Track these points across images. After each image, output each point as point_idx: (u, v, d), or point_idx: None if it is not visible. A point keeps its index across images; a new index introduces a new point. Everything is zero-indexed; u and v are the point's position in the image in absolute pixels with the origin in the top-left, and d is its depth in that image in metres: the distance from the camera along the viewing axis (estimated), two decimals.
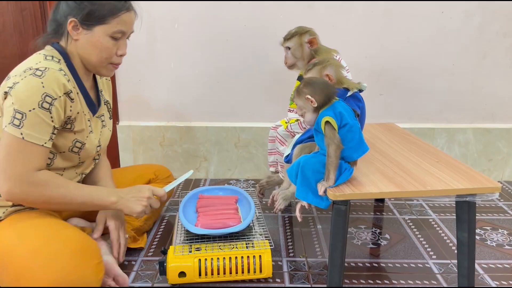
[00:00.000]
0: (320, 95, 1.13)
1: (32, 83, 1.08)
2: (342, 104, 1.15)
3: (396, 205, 1.87)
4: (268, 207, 1.81)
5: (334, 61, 1.33)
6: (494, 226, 1.71)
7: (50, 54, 1.19)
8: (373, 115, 2.09)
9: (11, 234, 1.11)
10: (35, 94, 1.08)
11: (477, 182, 1.15)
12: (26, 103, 1.07)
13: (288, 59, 1.59)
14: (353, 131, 1.12)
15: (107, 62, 1.23)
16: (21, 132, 1.08)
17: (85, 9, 1.15)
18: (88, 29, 1.18)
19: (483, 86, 2.10)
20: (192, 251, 1.29)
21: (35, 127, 1.09)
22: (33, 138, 1.09)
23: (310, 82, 1.16)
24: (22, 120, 1.08)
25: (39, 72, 1.10)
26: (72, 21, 1.16)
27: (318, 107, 1.14)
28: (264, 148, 2.10)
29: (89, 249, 1.12)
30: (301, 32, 1.55)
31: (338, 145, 1.10)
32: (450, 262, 1.44)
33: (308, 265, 1.42)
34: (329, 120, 1.10)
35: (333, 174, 1.11)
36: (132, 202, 1.24)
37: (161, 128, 2.13)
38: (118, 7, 1.18)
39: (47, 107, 1.09)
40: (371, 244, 1.56)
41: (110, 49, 1.21)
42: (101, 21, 1.17)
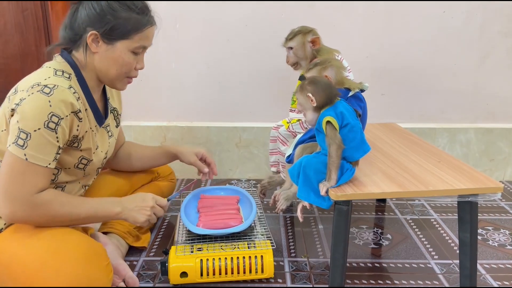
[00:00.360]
0: (321, 96, 1.13)
1: (39, 102, 1.04)
2: (343, 104, 1.15)
3: (397, 205, 1.87)
4: (269, 207, 1.81)
5: (335, 62, 1.33)
6: (496, 226, 1.70)
7: (60, 69, 1.14)
8: (374, 115, 2.09)
9: (14, 245, 1.08)
10: (42, 113, 1.04)
11: (479, 182, 1.15)
12: (32, 123, 1.04)
13: (290, 58, 1.60)
14: (354, 131, 1.12)
15: (125, 76, 1.21)
16: (24, 153, 1.04)
17: (108, 23, 1.11)
18: (110, 44, 1.14)
19: (484, 86, 2.10)
20: (193, 251, 1.29)
21: (39, 148, 1.06)
22: (37, 160, 1.06)
23: (314, 81, 1.16)
24: (26, 140, 1.04)
25: (47, 90, 1.05)
26: (92, 34, 1.12)
27: (318, 107, 1.14)
28: (266, 148, 2.10)
29: (97, 252, 1.12)
30: (304, 32, 1.55)
31: (339, 145, 1.09)
32: (452, 262, 1.44)
33: (310, 265, 1.42)
34: (330, 120, 1.10)
35: (334, 174, 1.11)
36: (136, 212, 1.23)
37: (162, 128, 2.13)
38: (142, 22, 1.15)
39: (53, 127, 1.06)
40: (373, 244, 1.56)
41: (130, 64, 1.18)
42: (124, 37, 1.14)
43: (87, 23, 1.12)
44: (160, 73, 2.07)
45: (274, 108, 2.08)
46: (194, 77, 2.08)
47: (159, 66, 2.06)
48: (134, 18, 1.14)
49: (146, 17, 1.16)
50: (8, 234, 1.12)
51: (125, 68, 1.18)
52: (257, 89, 2.09)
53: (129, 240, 1.44)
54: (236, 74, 2.07)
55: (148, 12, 1.18)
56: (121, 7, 1.12)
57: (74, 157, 1.18)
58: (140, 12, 1.15)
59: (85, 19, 1.12)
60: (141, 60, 1.22)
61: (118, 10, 1.12)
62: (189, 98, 2.11)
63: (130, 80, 1.24)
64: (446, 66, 2.06)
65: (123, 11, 1.12)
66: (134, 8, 1.14)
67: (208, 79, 2.08)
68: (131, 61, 1.18)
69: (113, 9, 1.11)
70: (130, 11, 1.13)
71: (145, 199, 1.25)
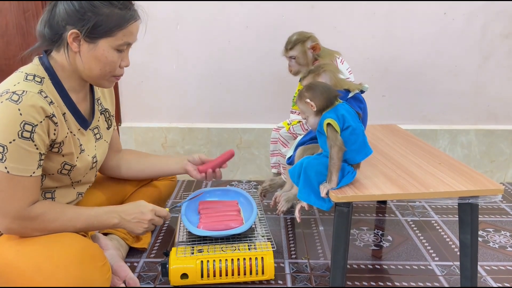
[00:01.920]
0: (319, 99, 1.13)
1: (8, 111, 0.99)
2: (345, 107, 1.15)
3: (398, 207, 1.87)
4: (270, 209, 1.81)
5: (329, 67, 1.33)
6: (497, 227, 1.70)
7: (32, 73, 1.08)
8: (375, 117, 2.09)
9: (8, 251, 1.07)
10: (13, 123, 0.99)
11: (480, 184, 1.15)
12: (5, 135, 0.99)
13: (292, 67, 1.59)
14: (356, 134, 1.12)
15: (110, 75, 1.15)
16: (5, 166, 1.00)
17: (89, 21, 1.04)
18: (92, 42, 1.07)
19: (486, 87, 2.10)
20: (194, 253, 1.29)
21: (19, 159, 1.01)
22: (19, 171, 1.02)
23: (311, 87, 1.16)
24: (3, 153, 1.00)
25: (15, 97, 1.00)
26: (73, 33, 1.05)
27: (319, 110, 1.14)
28: (266, 149, 2.10)
29: (92, 253, 1.11)
30: (303, 40, 1.54)
31: (340, 147, 1.09)
32: (452, 264, 1.44)
33: (311, 267, 1.42)
34: (331, 122, 1.10)
35: (335, 176, 1.11)
36: (134, 224, 1.21)
37: (163, 130, 2.13)
38: (126, 18, 1.08)
39: (28, 136, 1.01)
40: (374, 245, 1.56)
41: (114, 62, 1.12)
42: (106, 34, 1.07)
43: (67, 20, 1.05)
44: (161, 75, 2.07)
45: (275, 110, 2.08)
46: (195, 78, 2.08)
47: (160, 67, 2.06)
48: (117, 14, 1.06)
49: (130, 12, 1.09)
50: (2, 239, 1.11)
51: (109, 67, 1.11)
52: (258, 91, 2.09)
53: (130, 241, 1.44)
54: (237, 75, 2.07)
55: (131, 6, 1.10)
56: (102, 3, 1.05)
57: (56, 162, 1.14)
58: (123, 7, 1.08)
59: (64, 17, 1.05)
60: (125, 57, 1.15)
61: (99, 6, 1.04)
62: (190, 99, 2.11)
63: (117, 78, 1.19)
64: (447, 68, 2.06)
65: (104, 7, 1.05)
66: (116, 3, 1.06)
67: (209, 80, 2.08)
68: (115, 59, 1.11)
69: (94, 5, 1.04)
70: (111, 7, 1.06)
71: (143, 211, 1.22)
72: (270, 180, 1.74)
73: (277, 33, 1.94)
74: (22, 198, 1.05)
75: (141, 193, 1.53)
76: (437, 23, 1.99)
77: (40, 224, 1.09)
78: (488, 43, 2.03)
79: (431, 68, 2.06)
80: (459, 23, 1.99)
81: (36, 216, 1.08)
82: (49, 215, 1.10)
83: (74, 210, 1.16)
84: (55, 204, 1.15)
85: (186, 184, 2.13)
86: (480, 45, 2.03)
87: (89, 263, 1.08)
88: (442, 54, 2.04)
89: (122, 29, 1.08)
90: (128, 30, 1.10)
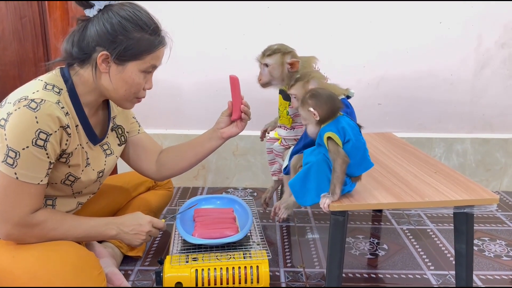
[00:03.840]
0: (323, 109, 1.11)
1: (25, 118, 1.01)
2: (346, 119, 1.13)
3: (394, 215, 1.87)
4: (266, 217, 1.80)
5: (316, 74, 1.33)
6: (492, 236, 1.70)
7: (52, 83, 1.09)
8: (370, 125, 2.09)
9: (4, 257, 1.07)
10: (28, 130, 1.01)
11: (475, 194, 1.15)
12: (19, 141, 1.01)
13: (263, 76, 1.50)
14: (356, 147, 1.11)
15: (134, 96, 1.17)
16: (15, 172, 1.02)
17: (121, 44, 1.07)
18: (120, 65, 1.09)
19: (481, 96, 2.10)
20: (189, 261, 1.28)
21: (29, 166, 1.03)
22: (28, 178, 1.04)
23: (316, 94, 1.13)
24: (15, 159, 1.02)
25: (33, 105, 1.01)
26: (103, 54, 1.07)
27: (321, 120, 1.12)
28: (263, 156, 2.10)
29: (88, 262, 1.10)
30: (284, 51, 1.46)
31: (343, 159, 1.07)
32: (448, 273, 1.43)
33: (306, 276, 1.42)
34: (331, 136, 1.08)
35: (338, 189, 1.09)
36: (131, 236, 1.23)
37: (159, 136, 2.13)
38: (155, 43, 1.11)
39: (41, 144, 1.03)
40: (369, 254, 1.55)
41: (140, 84, 1.15)
42: (135, 58, 1.10)
43: (97, 42, 1.07)
44: (158, 81, 2.06)
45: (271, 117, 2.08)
46: (192, 85, 2.08)
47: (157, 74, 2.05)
48: (147, 39, 1.10)
49: (159, 38, 1.13)
50: None
51: (134, 88, 1.14)
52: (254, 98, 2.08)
53: (124, 249, 1.43)
54: None
55: (160, 32, 1.14)
56: (134, 28, 1.08)
57: (61, 172, 1.14)
58: (153, 32, 1.11)
59: (95, 38, 1.07)
60: (149, 80, 1.18)
61: (130, 31, 1.07)
62: (186, 106, 2.11)
63: (139, 100, 1.21)
64: (443, 76, 2.07)
65: (135, 31, 1.08)
66: (146, 28, 1.09)
67: (205, 87, 2.08)
68: (141, 81, 1.14)
69: (126, 29, 1.07)
70: (142, 32, 1.09)
71: (141, 223, 1.24)
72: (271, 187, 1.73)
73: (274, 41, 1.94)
74: (27, 205, 1.06)
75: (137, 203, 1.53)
76: (433, 32, 2.00)
77: (39, 232, 1.09)
78: (483, 52, 2.04)
79: (427, 77, 2.07)
80: (454, 32, 2.00)
81: (37, 224, 1.08)
82: (49, 224, 1.10)
83: (73, 220, 1.17)
84: (56, 213, 1.15)
85: (182, 191, 2.12)
86: (475, 54, 2.04)
87: (84, 271, 1.07)
88: (438, 62, 2.05)
89: (150, 53, 1.11)
90: (156, 54, 1.13)
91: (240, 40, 2.01)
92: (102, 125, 1.27)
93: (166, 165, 1.42)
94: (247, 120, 1.39)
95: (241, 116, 1.37)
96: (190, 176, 2.17)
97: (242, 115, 1.37)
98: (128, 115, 1.40)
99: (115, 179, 1.58)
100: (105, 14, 1.07)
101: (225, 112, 1.40)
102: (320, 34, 1.99)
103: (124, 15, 1.07)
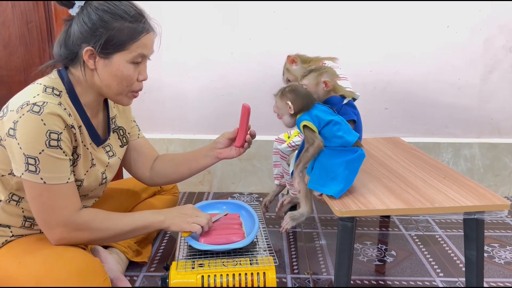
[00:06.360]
0: (298, 105, 1.19)
1: (32, 123, 1.01)
2: (319, 107, 1.20)
3: (402, 221, 1.85)
4: (272, 222, 1.79)
5: (330, 69, 1.33)
6: (502, 243, 1.68)
7: (51, 85, 1.09)
8: (378, 129, 2.08)
9: (10, 262, 1.07)
10: (39, 134, 1.01)
11: (485, 199, 1.13)
12: (34, 146, 1.01)
13: None
14: (337, 122, 1.16)
15: (128, 90, 1.15)
16: (40, 177, 1.03)
17: (102, 36, 1.05)
18: (106, 58, 1.08)
19: (489, 101, 2.09)
20: (195, 267, 1.27)
21: (51, 168, 1.03)
22: (55, 179, 1.04)
23: (295, 90, 1.22)
24: (36, 165, 1.02)
25: (36, 108, 1.01)
26: (87, 50, 1.07)
27: (295, 113, 1.21)
28: (268, 161, 2.09)
29: (93, 268, 1.10)
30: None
31: (318, 144, 1.13)
32: (457, 280, 1.41)
33: (313, 282, 1.40)
34: (307, 124, 1.15)
35: (302, 165, 1.16)
36: (179, 219, 1.23)
37: (165, 141, 2.12)
38: (138, 30, 1.09)
39: (55, 144, 1.03)
40: (377, 261, 1.53)
41: (131, 76, 1.12)
42: (119, 48, 1.08)
43: (81, 39, 1.07)
44: (163, 86, 2.07)
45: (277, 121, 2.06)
46: (197, 90, 2.07)
47: (163, 78, 2.06)
48: (128, 27, 1.07)
49: (141, 24, 1.09)
50: (4, 251, 1.11)
51: (125, 81, 1.12)
52: (260, 102, 2.08)
53: (129, 255, 1.42)
54: (239, 87, 2.06)
55: (142, 18, 1.10)
56: (113, 17, 1.06)
57: None
58: (134, 19, 1.08)
59: (78, 36, 1.07)
60: (143, 70, 1.15)
61: (109, 21, 1.06)
62: (192, 111, 2.11)
63: (136, 94, 1.19)
64: (450, 81, 2.05)
65: (115, 21, 1.06)
66: (126, 16, 1.07)
67: (211, 92, 2.07)
68: (131, 73, 1.11)
69: (104, 20, 1.05)
70: (122, 20, 1.07)
71: (182, 206, 1.27)
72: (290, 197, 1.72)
73: (280, 45, 1.94)
74: (65, 206, 1.07)
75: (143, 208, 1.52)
76: (440, 36, 1.99)
77: (88, 230, 1.11)
78: (491, 56, 2.02)
79: (434, 81, 2.05)
80: (462, 36, 1.99)
81: (83, 223, 1.10)
82: (95, 222, 1.12)
83: (118, 215, 1.18)
84: (99, 211, 1.17)
85: (187, 196, 2.11)
86: (483, 58, 2.02)
87: (89, 278, 1.06)
88: (445, 67, 2.03)
89: (135, 42, 1.09)
90: (141, 42, 1.10)
91: (246, 44, 2.00)
92: (103, 127, 1.26)
93: (159, 174, 1.43)
94: (246, 148, 1.39)
95: (243, 145, 1.38)
96: (195, 181, 2.16)
97: (247, 141, 1.38)
98: (128, 117, 1.39)
99: (121, 184, 1.57)
100: (84, 10, 1.07)
101: (227, 134, 1.39)
102: (327, 38, 1.98)
103: (102, 7, 1.07)
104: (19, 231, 1.17)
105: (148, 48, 1.13)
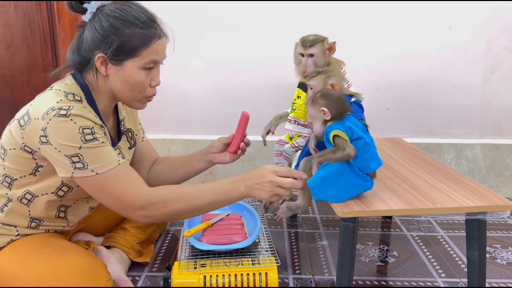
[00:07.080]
0: (333, 110, 1.12)
1: (62, 125, 1.01)
2: (351, 119, 1.14)
3: (403, 221, 1.85)
4: (274, 222, 1.79)
5: (337, 72, 1.34)
6: (504, 243, 1.68)
7: (71, 92, 1.09)
8: (380, 130, 2.08)
9: (14, 261, 1.08)
10: (72, 133, 1.01)
11: (488, 200, 1.13)
12: (71, 146, 1.01)
13: (308, 67, 1.47)
14: (367, 143, 1.12)
15: (142, 96, 1.16)
16: (91, 169, 1.02)
17: (113, 43, 1.06)
18: (118, 64, 1.09)
19: (491, 101, 2.08)
20: (197, 267, 1.27)
21: (96, 157, 1.03)
22: (105, 167, 1.04)
23: (327, 95, 1.14)
24: (82, 161, 1.02)
25: (63, 112, 1.01)
26: (100, 57, 1.08)
27: (330, 120, 1.13)
28: (270, 162, 2.09)
29: (96, 268, 1.10)
30: (321, 39, 1.47)
31: (349, 152, 1.07)
32: (459, 281, 1.41)
33: (315, 283, 1.40)
34: (338, 133, 1.09)
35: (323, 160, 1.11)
36: (257, 191, 1.11)
37: (167, 141, 2.13)
38: (149, 36, 1.09)
39: (91, 138, 1.03)
40: (379, 261, 1.53)
41: (143, 82, 1.13)
42: (131, 55, 1.08)
43: (93, 46, 1.08)
44: (166, 86, 2.06)
45: None
46: (200, 90, 2.08)
47: (165, 79, 2.04)
48: (139, 33, 1.08)
49: (152, 30, 1.10)
50: (9, 250, 1.12)
51: (138, 87, 1.13)
52: (262, 103, 2.09)
53: (132, 255, 1.43)
54: (241, 88, 2.06)
55: (153, 24, 1.11)
56: (123, 24, 1.07)
57: None
58: (145, 25, 1.09)
59: (90, 42, 1.08)
60: (155, 76, 1.15)
61: (120, 28, 1.06)
62: (194, 112, 2.11)
63: (150, 98, 1.19)
64: (452, 81, 2.05)
65: (126, 28, 1.07)
66: (137, 22, 1.08)
67: (213, 93, 2.08)
68: (143, 79, 1.12)
69: (115, 27, 1.06)
70: (133, 27, 1.07)
71: (263, 174, 1.11)
72: None
73: (281, 46, 1.94)
74: (129, 187, 1.06)
75: None
76: (442, 37, 1.99)
77: (164, 206, 1.07)
78: (493, 57, 2.02)
79: (436, 82, 2.05)
80: (464, 37, 1.99)
81: (158, 198, 1.07)
82: (170, 196, 1.09)
83: (194, 187, 1.13)
84: (172, 186, 1.14)
85: None
86: (485, 58, 2.02)
87: (92, 278, 1.07)
88: (447, 67, 2.03)
89: (146, 48, 1.09)
90: (153, 48, 1.10)
91: (248, 45, 2.01)
92: (114, 130, 1.28)
93: (157, 177, 1.44)
94: (240, 155, 1.40)
95: (237, 152, 1.38)
96: (197, 182, 2.15)
97: (241, 148, 1.38)
98: (136, 119, 1.40)
99: None
100: (96, 16, 1.08)
101: (223, 139, 1.40)
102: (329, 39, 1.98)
103: (113, 14, 1.07)
104: (25, 231, 1.17)
105: (160, 53, 1.14)
